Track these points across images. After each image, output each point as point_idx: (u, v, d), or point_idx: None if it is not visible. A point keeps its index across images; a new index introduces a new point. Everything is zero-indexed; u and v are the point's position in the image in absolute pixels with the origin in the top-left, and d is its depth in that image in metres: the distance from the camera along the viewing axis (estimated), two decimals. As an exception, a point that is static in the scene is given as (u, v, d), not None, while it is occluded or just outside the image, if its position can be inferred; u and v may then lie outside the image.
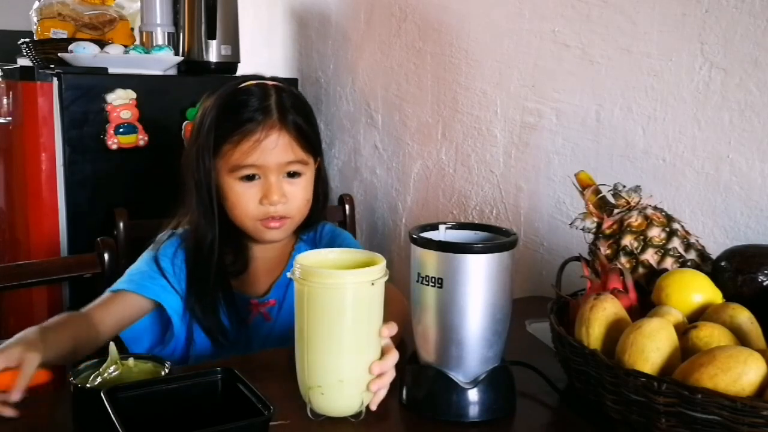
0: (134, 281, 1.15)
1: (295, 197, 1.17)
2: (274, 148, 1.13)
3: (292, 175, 1.17)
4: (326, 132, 2.08)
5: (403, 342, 1.00)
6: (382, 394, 0.88)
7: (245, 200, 1.15)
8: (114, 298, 1.13)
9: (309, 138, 1.19)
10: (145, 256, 1.20)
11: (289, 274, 0.87)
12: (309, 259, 0.90)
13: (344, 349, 0.84)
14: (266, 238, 1.19)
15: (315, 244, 1.29)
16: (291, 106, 1.17)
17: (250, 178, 1.15)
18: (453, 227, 0.91)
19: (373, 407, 0.86)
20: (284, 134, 1.14)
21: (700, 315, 0.86)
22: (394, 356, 0.88)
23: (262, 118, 1.13)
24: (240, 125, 1.13)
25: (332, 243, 1.29)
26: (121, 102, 1.91)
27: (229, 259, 1.20)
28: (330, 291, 0.83)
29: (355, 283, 0.83)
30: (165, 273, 1.16)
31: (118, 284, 1.15)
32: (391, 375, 0.88)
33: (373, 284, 0.84)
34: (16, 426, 0.84)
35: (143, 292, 1.14)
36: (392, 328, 0.89)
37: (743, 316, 0.83)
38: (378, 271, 0.85)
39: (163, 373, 0.87)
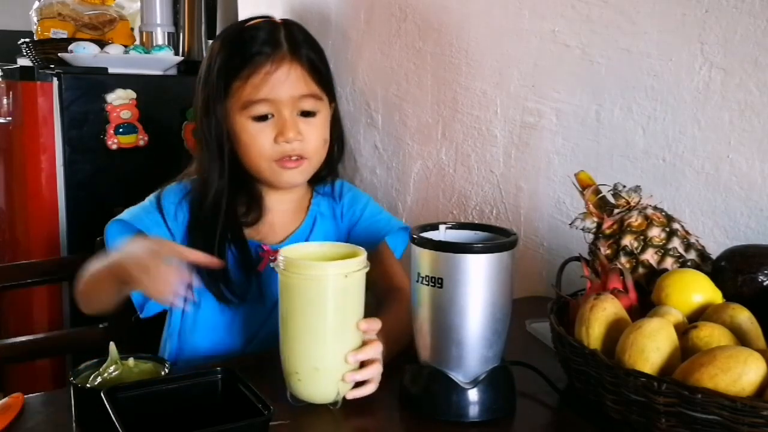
0: (131, 213, 1.13)
1: (310, 136, 1.13)
2: (285, 80, 1.10)
3: (307, 114, 1.13)
4: (326, 132, 2.08)
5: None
6: (369, 389, 0.89)
7: (260, 140, 1.11)
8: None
9: (322, 74, 1.16)
10: (150, 196, 1.18)
11: (272, 265, 0.88)
12: (294, 251, 0.91)
13: (318, 339, 0.86)
14: (283, 180, 1.15)
15: (333, 199, 1.26)
16: (302, 40, 1.14)
17: (263, 118, 1.11)
18: (453, 227, 0.91)
19: (350, 397, 0.88)
20: (296, 66, 1.11)
21: (700, 315, 0.86)
22: (372, 349, 0.89)
23: (272, 51, 1.10)
24: (249, 59, 1.10)
25: (353, 204, 1.27)
26: (121, 102, 1.91)
27: (242, 209, 1.17)
28: (306, 282, 0.86)
29: (331, 275, 0.85)
30: (164, 213, 1.13)
31: (118, 216, 1.13)
32: (372, 370, 0.89)
33: (346, 277, 0.85)
34: (17, 426, 0.84)
35: (136, 223, 1.11)
36: (373, 324, 0.89)
37: (743, 316, 0.83)
38: (355, 264, 0.87)
39: (163, 373, 0.87)
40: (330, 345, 0.87)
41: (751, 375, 0.70)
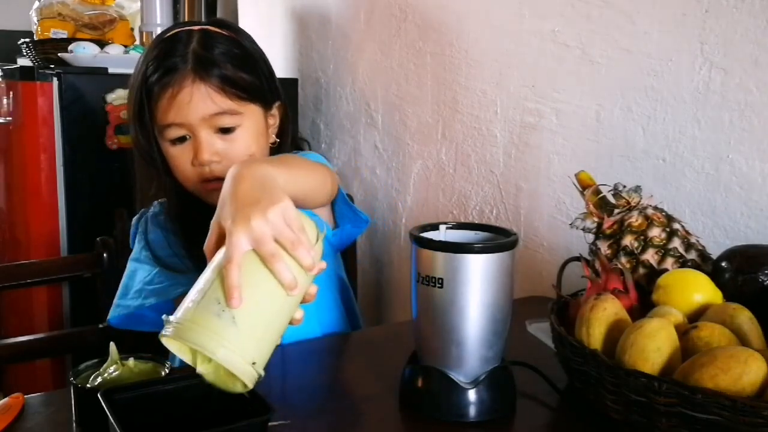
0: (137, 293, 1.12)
1: (232, 154, 1.07)
2: (189, 101, 1.04)
3: (226, 130, 1.08)
4: (326, 132, 2.08)
5: (404, 339, 1.00)
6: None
7: (180, 164, 1.08)
8: None
9: (240, 85, 1.08)
10: (130, 262, 1.17)
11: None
12: None
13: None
14: (213, 201, 1.13)
15: None
16: (218, 52, 1.07)
17: (180, 140, 1.07)
18: (453, 227, 0.91)
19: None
20: (199, 85, 1.05)
21: (700, 315, 0.86)
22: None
23: (177, 69, 1.05)
24: (158, 80, 1.05)
25: None
26: (121, 102, 1.91)
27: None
28: None
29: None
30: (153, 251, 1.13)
31: (124, 307, 1.12)
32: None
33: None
34: (17, 426, 0.84)
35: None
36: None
37: (744, 316, 0.82)
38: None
39: (163, 373, 0.87)
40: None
41: (751, 375, 0.70)
